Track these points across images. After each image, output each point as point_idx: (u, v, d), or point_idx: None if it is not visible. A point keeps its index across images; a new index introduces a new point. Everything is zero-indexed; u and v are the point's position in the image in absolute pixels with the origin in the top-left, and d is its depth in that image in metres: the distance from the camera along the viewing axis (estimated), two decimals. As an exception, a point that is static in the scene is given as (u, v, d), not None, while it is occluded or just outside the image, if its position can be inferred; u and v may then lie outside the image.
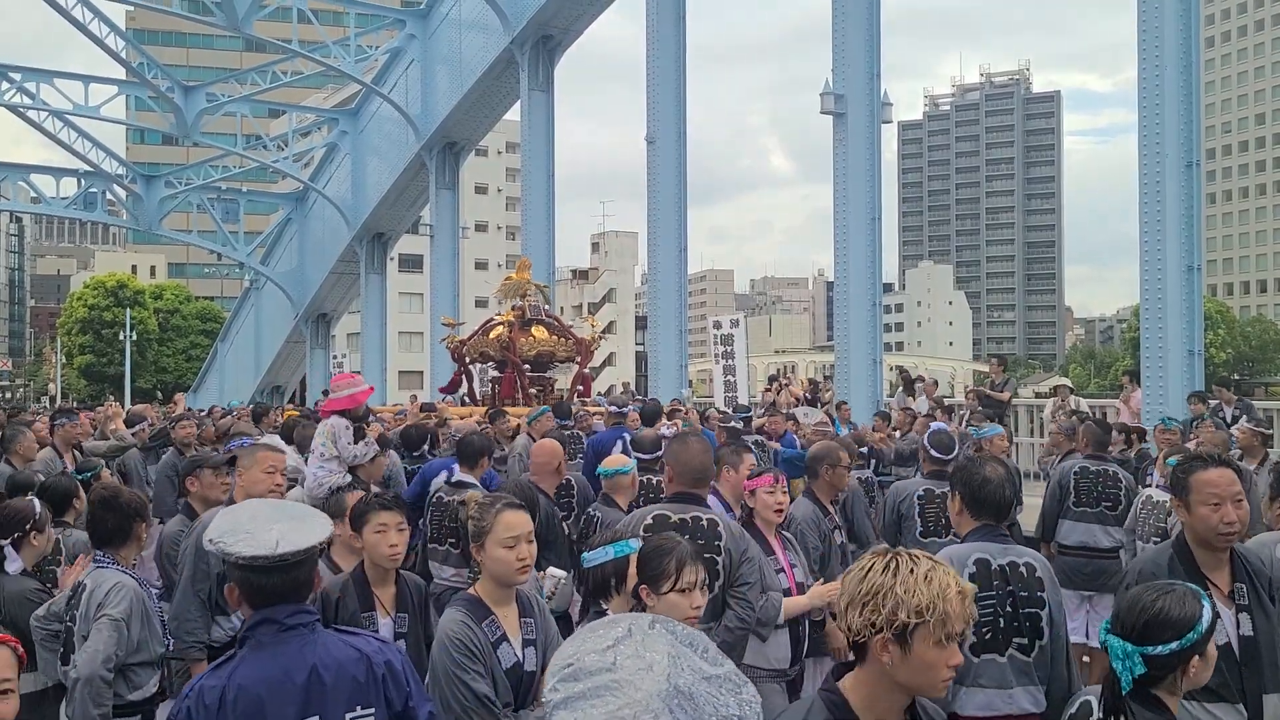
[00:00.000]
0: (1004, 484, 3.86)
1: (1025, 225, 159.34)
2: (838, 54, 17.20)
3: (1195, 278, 13.31)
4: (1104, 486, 7.41)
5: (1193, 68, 13.39)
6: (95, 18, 25.74)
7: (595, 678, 1.40)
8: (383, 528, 4.06)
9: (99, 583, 3.97)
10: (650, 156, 20.57)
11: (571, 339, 15.35)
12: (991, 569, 3.72)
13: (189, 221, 48.03)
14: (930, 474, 6.64)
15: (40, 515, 4.64)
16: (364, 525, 4.10)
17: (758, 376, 38.75)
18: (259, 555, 2.57)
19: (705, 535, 4.28)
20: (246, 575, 2.60)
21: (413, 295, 60.78)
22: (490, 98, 27.34)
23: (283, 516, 2.73)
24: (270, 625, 2.61)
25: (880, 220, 17.35)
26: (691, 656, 1.45)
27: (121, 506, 4.20)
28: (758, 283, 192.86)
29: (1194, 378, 13.14)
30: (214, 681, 2.56)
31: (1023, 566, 3.73)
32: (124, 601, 3.90)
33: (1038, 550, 4.46)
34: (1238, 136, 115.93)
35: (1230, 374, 68.58)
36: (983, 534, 3.84)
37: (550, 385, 15.37)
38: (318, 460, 6.41)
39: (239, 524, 2.66)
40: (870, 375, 17.07)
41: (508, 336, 14.58)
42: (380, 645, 2.78)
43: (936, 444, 6.62)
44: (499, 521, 3.40)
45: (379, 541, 4.05)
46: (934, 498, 6.39)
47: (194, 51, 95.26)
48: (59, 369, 74.24)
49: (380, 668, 2.69)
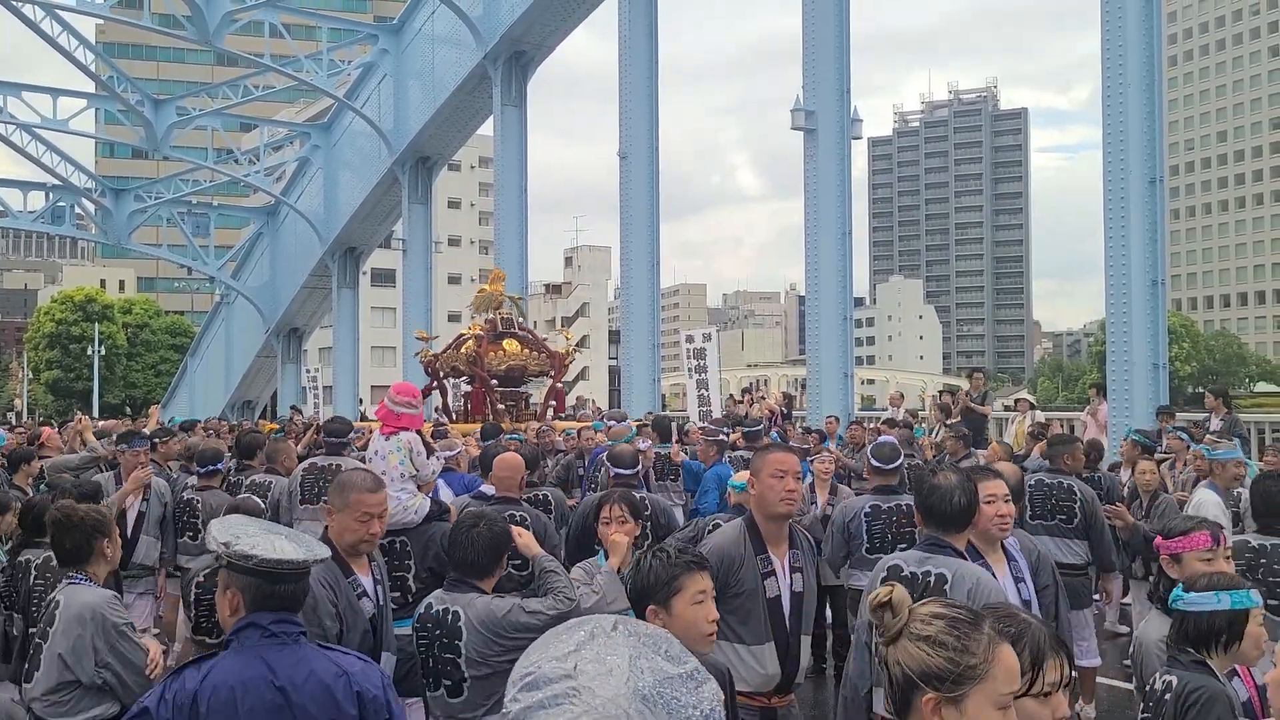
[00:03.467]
0: (953, 491, 3.84)
1: (994, 240, 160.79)
2: (808, 70, 17.36)
3: (1159, 292, 13.53)
4: (1059, 499, 7.26)
5: (1155, 86, 13.62)
6: (64, 31, 25.56)
7: (554, 685, 1.36)
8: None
9: (69, 601, 3.90)
10: (623, 171, 20.67)
11: (545, 352, 15.11)
12: (903, 575, 3.76)
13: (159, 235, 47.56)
14: (876, 489, 6.64)
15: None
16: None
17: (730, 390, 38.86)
18: (286, 560, 2.56)
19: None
20: (262, 581, 2.57)
21: (385, 310, 60.55)
22: (463, 113, 27.37)
23: (269, 529, 2.73)
24: (255, 630, 2.59)
25: (851, 235, 17.50)
26: (654, 657, 1.42)
27: (78, 524, 4.09)
28: (730, 297, 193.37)
29: (1159, 391, 13.34)
30: (189, 681, 2.52)
31: (933, 577, 3.71)
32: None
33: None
34: (1200, 153, 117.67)
35: (1195, 387, 69.43)
36: (925, 541, 3.89)
37: (524, 400, 15.17)
38: (396, 481, 5.72)
39: (241, 529, 2.64)
40: (842, 389, 17.19)
41: (476, 351, 14.35)
42: (364, 667, 2.71)
43: (878, 455, 6.63)
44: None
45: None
46: (880, 513, 6.40)
47: (165, 65, 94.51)
48: (25, 384, 73.25)
49: (360, 687, 2.64)
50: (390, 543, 5.67)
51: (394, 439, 5.89)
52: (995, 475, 4.28)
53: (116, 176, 49.24)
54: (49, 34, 24.90)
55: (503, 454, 6.56)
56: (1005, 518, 4.11)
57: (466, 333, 15.29)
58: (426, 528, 5.70)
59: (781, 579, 4.10)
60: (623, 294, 21.51)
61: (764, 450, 4.32)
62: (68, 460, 9.12)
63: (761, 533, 4.10)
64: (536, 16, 22.88)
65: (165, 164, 50.56)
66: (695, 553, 2.98)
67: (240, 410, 41.20)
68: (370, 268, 44.64)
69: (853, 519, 6.51)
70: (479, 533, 3.88)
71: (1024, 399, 16.21)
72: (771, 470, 4.02)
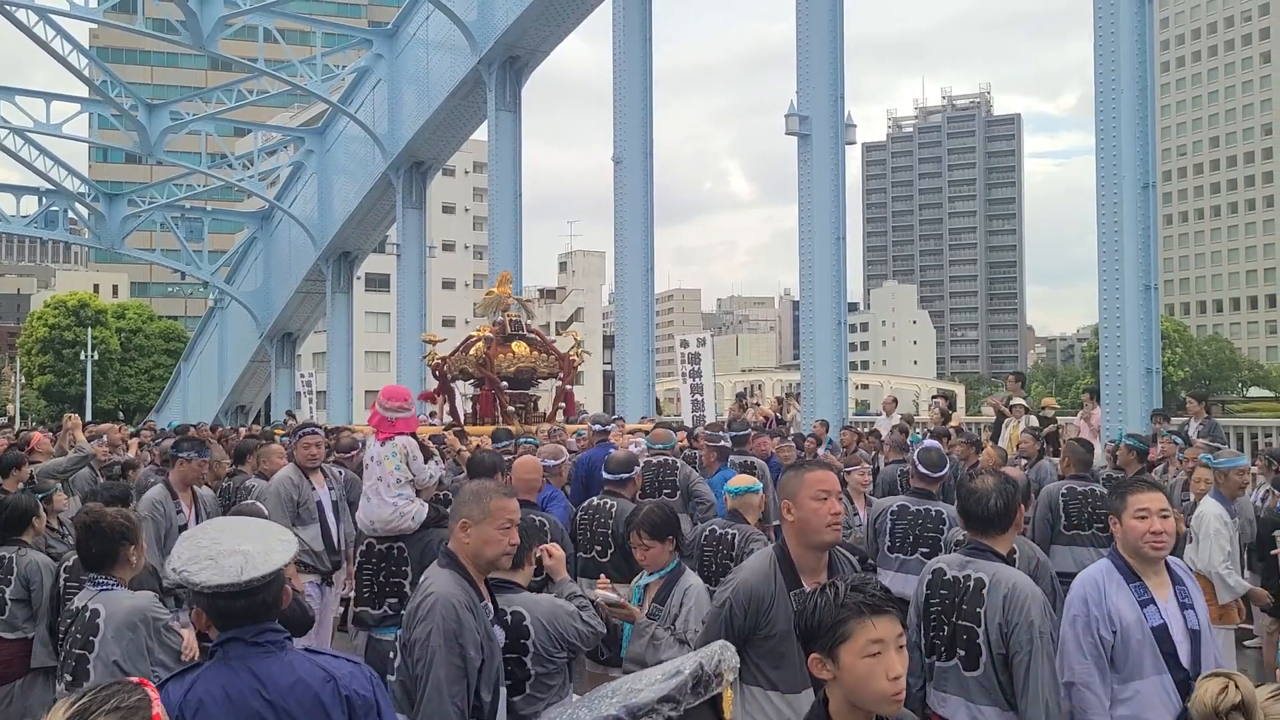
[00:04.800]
0: (990, 494, 3.85)
1: (987, 245, 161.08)
2: (802, 75, 17.37)
3: (1152, 297, 13.54)
4: (1095, 507, 7.05)
5: (1148, 92, 13.66)
6: (58, 35, 25.54)
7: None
8: None
9: (112, 609, 3.92)
10: (617, 176, 20.66)
11: (553, 354, 15.03)
12: (945, 579, 3.80)
13: (152, 240, 47.61)
14: (914, 491, 6.64)
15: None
16: None
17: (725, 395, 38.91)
18: (224, 584, 2.53)
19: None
20: (213, 601, 2.57)
21: (379, 315, 60.45)
22: (457, 117, 27.37)
23: (247, 537, 2.68)
24: (237, 643, 2.58)
25: (845, 240, 17.50)
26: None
27: (104, 531, 4.09)
28: (724, 302, 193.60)
29: (1152, 395, 13.35)
30: (174, 694, 2.50)
31: (972, 581, 3.72)
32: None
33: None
34: (1193, 159, 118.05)
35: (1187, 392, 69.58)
36: (967, 546, 3.90)
37: (532, 402, 15.08)
38: (392, 486, 5.61)
39: (201, 549, 2.61)
40: (836, 393, 17.20)
41: (485, 353, 14.31)
42: (352, 670, 2.68)
43: (925, 461, 6.60)
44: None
45: None
46: (906, 513, 6.42)
47: (158, 70, 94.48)
48: (18, 389, 73.03)
49: (348, 691, 2.62)
50: (387, 549, 5.68)
51: (389, 444, 5.80)
52: (1150, 487, 3.90)
53: (110, 181, 49.10)
54: (43, 38, 24.87)
55: (523, 457, 6.70)
56: (1160, 535, 3.68)
57: (475, 335, 15.17)
58: (424, 534, 5.66)
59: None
60: (617, 299, 21.51)
61: (800, 468, 3.73)
62: (57, 464, 9.06)
63: (796, 564, 3.59)
64: (531, 21, 22.89)
65: (159, 169, 50.58)
66: (874, 592, 2.43)
67: (234, 415, 41.12)
68: (364, 272, 44.58)
69: (880, 516, 6.59)
70: None
71: (1019, 404, 16.22)
72: (813, 492, 3.52)
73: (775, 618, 3.52)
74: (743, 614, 3.56)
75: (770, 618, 3.53)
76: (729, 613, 3.59)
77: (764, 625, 3.54)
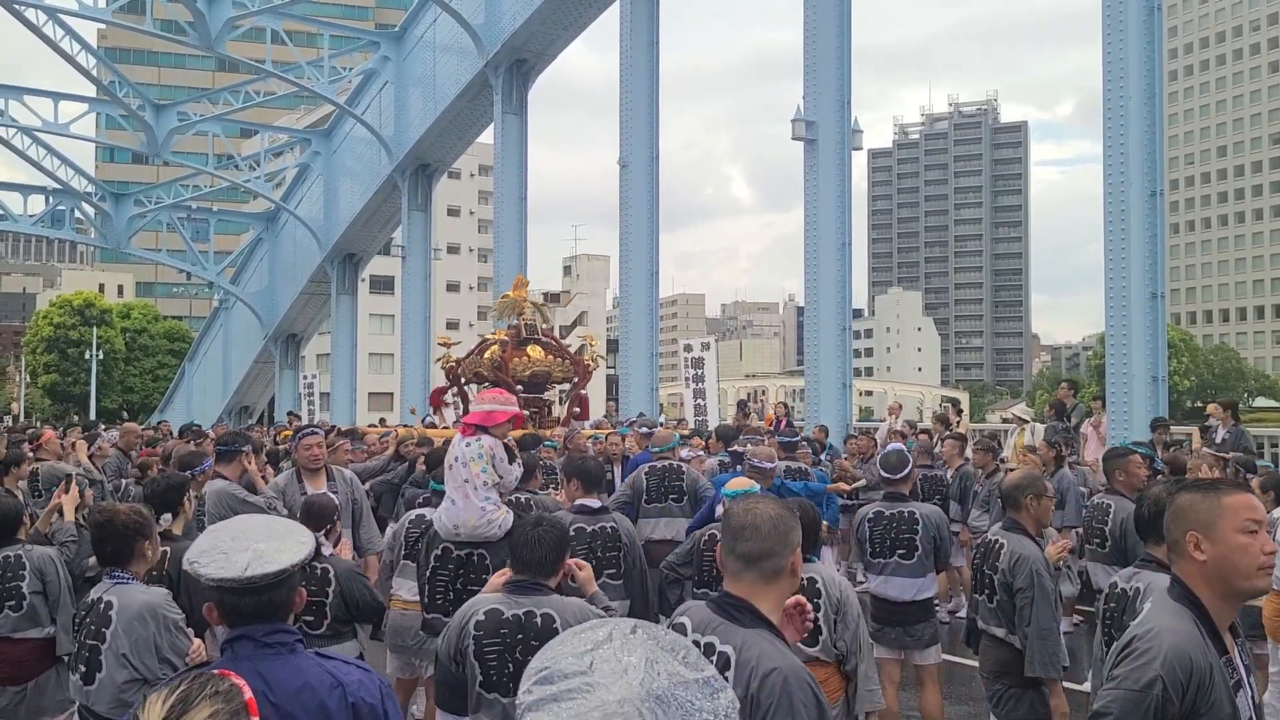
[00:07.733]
0: (1145, 503, 4.32)
1: (993, 253, 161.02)
2: (809, 81, 17.36)
3: (1159, 305, 13.51)
4: (1096, 521, 6.92)
5: (1156, 100, 13.63)
6: (66, 35, 25.61)
7: (568, 680, 1.40)
8: None
9: (125, 602, 4.00)
10: (623, 180, 20.69)
11: (569, 358, 14.94)
12: (1116, 591, 4.08)
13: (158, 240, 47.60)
14: (885, 495, 6.68)
15: None
16: None
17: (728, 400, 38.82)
18: (227, 578, 2.54)
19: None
20: (221, 595, 2.57)
21: (384, 317, 60.54)
22: (463, 120, 27.42)
23: (266, 536, 2.67)
24: (247, 642, 2.57)
25: (850, 246, 17.47)
26: (670, 661, 1.45)
27: (118, 529, 4.17)
28: (728, 307, 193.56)
29: (1158, 404, 13.31)
30: None
31: (1139, 588, 4.00)
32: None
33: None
34: (1200, 168, 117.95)
35: (1193, 402, 69.45)
36: (1141, 559, 4.20)
37: (546, 407, 15.00)
38: (480, 490, 5.36)
39: (218, 543, 2.63)
40: (840, 400, 17.16)
41: (501, 356, 14.22)
42: (361, 677, 2.63)
43: (885, 464, 6.65)
44: None
45: None
46: (882, 519, 6.45)
47: (166, 70, 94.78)
48: (23, 388, 73.17)
49: (355, 698, 2.58)
50: (467, 555, 5.38)
51: (475, 444, 5.52)
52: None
53: (116, 181, 49.28)
54: (51, 38, 24.94)
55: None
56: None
57: (490, 338, 15.11)
58: (507, 542, 5.14)
59: (1246, 693, 2.65)
60: (621, 303, 21.50)
61: (1212, 490, 2.71)
62: (64, 467, 9.01)
63: (1215, 621, 2.63)
64: (538, 25, 22.92)
65: (165, 169, 50.67)
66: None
67: (237, 416, 41.17)
68: (369, 274, 44.65)
69: (859, 524, 6.62)
70: (544, 532, 3.82)
71: (1018, 415, 16.16)
72: (1238, 523, 2.60)
73: (1218, 698, 2.52)
74: (1179, 697, 2.49)
75: (1212, 700, 2.51)
76: (1159, 699, 2.48)
77: (1203, 707, 2.51)
